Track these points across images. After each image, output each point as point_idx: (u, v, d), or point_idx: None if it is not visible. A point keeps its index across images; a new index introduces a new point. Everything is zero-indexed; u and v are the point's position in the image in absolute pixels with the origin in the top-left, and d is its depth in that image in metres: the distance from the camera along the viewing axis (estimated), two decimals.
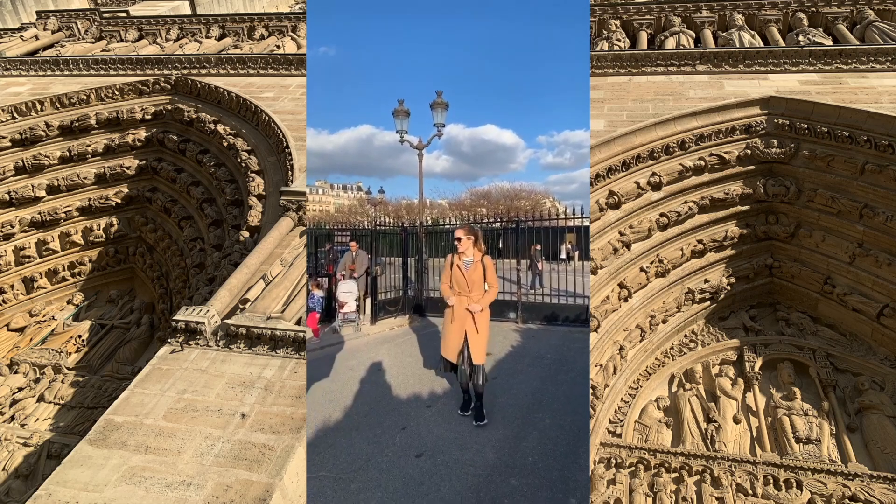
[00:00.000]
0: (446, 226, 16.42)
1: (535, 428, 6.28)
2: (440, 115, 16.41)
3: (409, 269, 14.00)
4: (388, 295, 13.50)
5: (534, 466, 5.38)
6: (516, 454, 5.60)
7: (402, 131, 16.64)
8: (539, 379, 8.28)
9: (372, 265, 12.97)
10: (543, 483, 5.07)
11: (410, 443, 5.89)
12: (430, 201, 52.31)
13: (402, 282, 13.87)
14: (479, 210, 44.75)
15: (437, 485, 5.00)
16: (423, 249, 14.15)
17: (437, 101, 16.32)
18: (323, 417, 6.59)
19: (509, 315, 12.74)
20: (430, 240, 14.56)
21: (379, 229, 14.30)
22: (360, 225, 15.93)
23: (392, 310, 13.34)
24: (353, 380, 8.24)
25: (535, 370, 8.74)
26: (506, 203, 48.03)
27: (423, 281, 14.04)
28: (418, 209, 23.72)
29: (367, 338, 11.54)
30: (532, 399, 7.24)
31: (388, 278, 13.70)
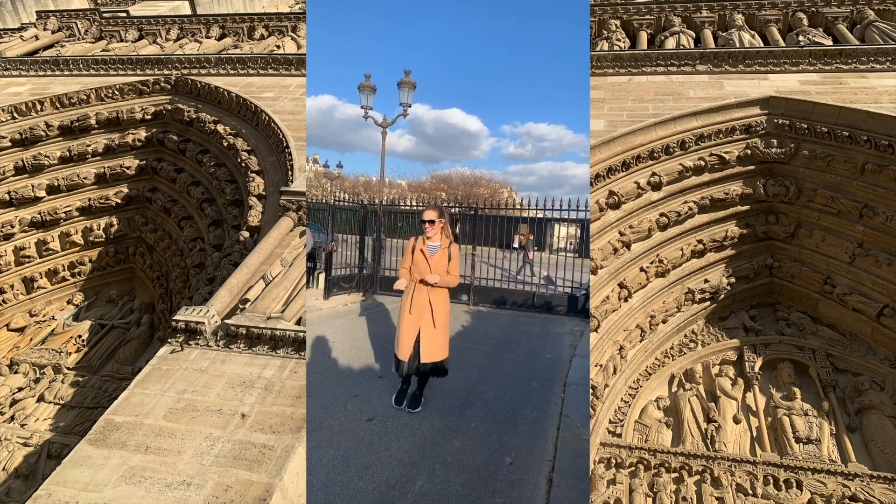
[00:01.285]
0: (405, 206, 16.33)
1: (478, 398, 6.91)
2: (407, 95, 16.33)
3: (366, 247, 14.06)
4: (343, 271, 13.63)
5: (476, 430, 5.95)
6: (460, 420, 6.10)
7: (366, 107, 16.53)
8: (485, 356, 9.01)
9: (328, 241, 13.07)
10: (483, 444, 5.64)
11: (362, 409, 6.31)
12: (390, 181, 51.53)
13: (357, 259, 13.96)
14: (438, 194, 44.62)
15: (386, 445, 5.45)
16: (382, 228, 14.26)
17: (404, 80, 16.21)
18: None
19: (461, 297, 13.34)
20: (388, 219, 14.68)
21: (337, 205, 14.11)
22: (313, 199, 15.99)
23: (346, 286, 13.54)
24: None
25: (482, 348, 9.45)
26: (465, 189, 48.14)
27: (380, 260, 14.18)
28: (378, 187, 23.63)
29: (320, 312, 11.79)
30: (478, 373, 7.87)
31: (343, 255, 13.79)
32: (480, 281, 13.89)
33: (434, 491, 4.71)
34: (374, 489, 4.69)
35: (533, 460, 5.42)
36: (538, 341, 10.51)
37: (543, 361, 9.14)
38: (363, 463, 5.10)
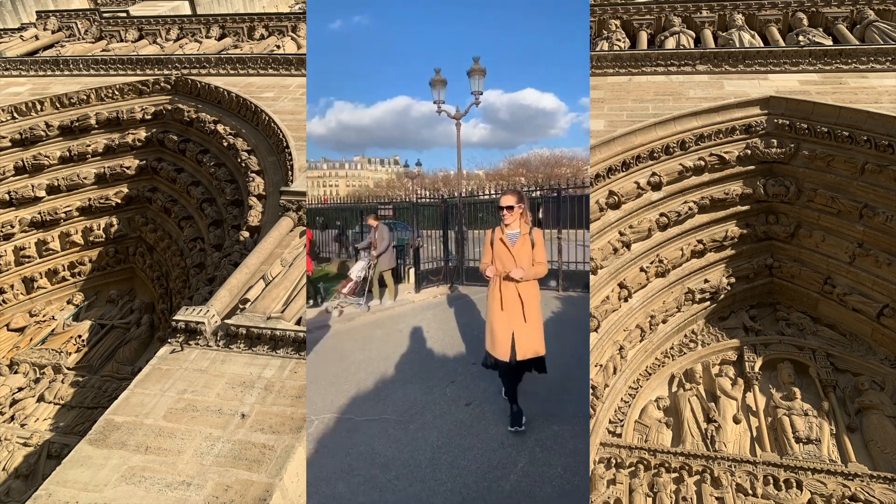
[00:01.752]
0: (484, 196, 16.42)
1: (575, 384, 6.87)
2: (477, 83, 16.30)
3: (449, 240, 14.50)
4: (431, 265, 14.24)
5: (574, 415, 5.97)
6: (558, 405, 6.14)
7: (439, 101, 16.57)
8: (579, 341, 8.67)
9: (414, 237, 13.74)
10: (583, 430, 5.66)
11: (460, 394, 6.58)
12: (468, 172, 51.28)
13: (442, 252, 14.43)
14: (517, 179, 44.12)
15: (485, 428, 5.65)
16: (463, 221, 14.53)
17: (474, 67, 16.16)
18: (380, 372, 7.42)
19: (550, 283, 12.92)
20: (468, 211, 14.93)
21: (419, 202, 14.79)
22: (397, 198, 16.37)
23: (434, 279, 14.03)
24: (402, 341, 9.07)
25: (575, 333, 9.14)
26: (545, 171, 47.27)
27: (463, 251, 14.51)
28: (456, 180, 23.65)
29: (412, 305, 12.45)
30: (573, 359, 7.71)
31: (429, 249, 14.36)
32: (568, 265, 13.20)
33: (536, 473, 4.83)
34: (477, 468, 4.89)
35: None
36: None
37: None
38: (465, 444, 5.32)
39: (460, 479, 4.68)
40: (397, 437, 5.47)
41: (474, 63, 15.99)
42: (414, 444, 5.30)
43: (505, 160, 56.41)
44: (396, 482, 4.66)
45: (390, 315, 11.33)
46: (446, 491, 4.52)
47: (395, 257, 12.71)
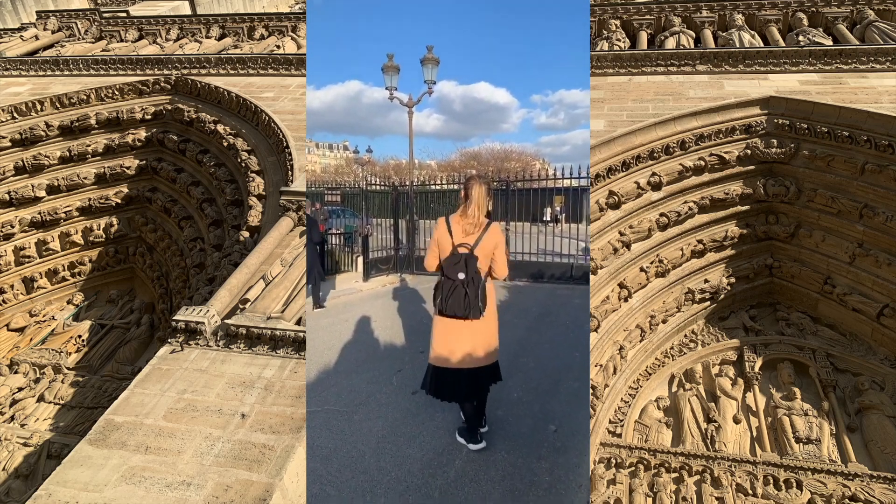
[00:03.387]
0: (436, 186, 16.25)
1: (519, 370, 6.96)
2: (431, 72, 15.90)
3: (400, 229, 14.29)
4: (380, 254, 13.94)
5: (518, 400, 6.10)
6: (503, 391, 6.11)
7: (391, 88, 16.15)
8: (524, 329, 8.95)
9: (363, 225, 13.43)
10: (526, 414, 5.78)
11: (406, 383, 6.53)
12: (419, 162, 51.58)
13: (392, 241, 14.21)
14: (468, 171, 44.45)
15: (431, 415, 5.67)
16: (413, 210, 14.40)
17: (427, 56, 15.78)
18: (324, 363, 7.25)
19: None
20: (419, 200, 14.81)
21: (369, 189, 14.28)
22: (345, 185, 16.08)
23: (384, 268, 13.83)
24: (349, 330, 8.89)
25: (520, 321, 9.38)
26: (496, 164, 47.87)
27: (414, 240, 14.35)
28: (407, 169, 23.58)
29: (360, 294, 12.16)
30: (518, 346, 7.86)
31: (379, 238, 14.05)
32: (516, 256, 13.58)
33: (480, 457, 4.92)
34: (422, 455, 4.92)
35: (578, 428, 5.48)
36: (577, 312, 10.39)
37: (584, 331, 8.87)
38: (411, 432, 5.35)
39: (405, 468, 4.71)
40: (340, 428, 5.42)
41: (428, 52, 15.63)
42: (358, 435, 5.27)
43: (457, 152, 56.69)
44: (338, 474, 4.62)
45: (336, 305, 10.99)
46: (390, 480, 4.53)
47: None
